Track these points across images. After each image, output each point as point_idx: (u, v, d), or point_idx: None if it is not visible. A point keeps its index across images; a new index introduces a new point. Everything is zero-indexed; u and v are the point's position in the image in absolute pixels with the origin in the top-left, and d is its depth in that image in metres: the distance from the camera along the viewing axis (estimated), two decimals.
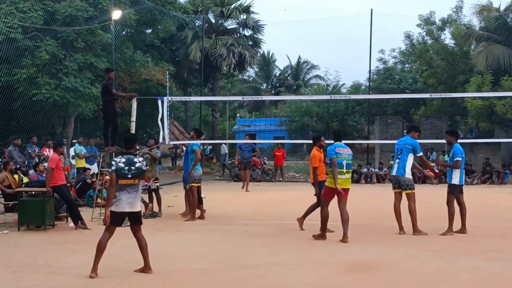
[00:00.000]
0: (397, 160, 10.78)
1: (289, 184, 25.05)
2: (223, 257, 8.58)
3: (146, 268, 7.50)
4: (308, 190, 21.61)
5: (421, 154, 10.79)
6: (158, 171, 13.94)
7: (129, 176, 7.34)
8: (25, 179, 13.95)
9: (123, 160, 7.42)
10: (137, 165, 7.43)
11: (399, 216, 10.76)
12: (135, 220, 7.53)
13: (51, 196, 11.52)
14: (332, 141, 10.45)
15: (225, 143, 31.55)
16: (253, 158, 27.52)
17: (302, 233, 10.85)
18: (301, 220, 11.32)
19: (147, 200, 13.83)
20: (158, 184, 13.73)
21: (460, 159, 10.64)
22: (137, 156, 7.67)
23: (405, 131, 11.66)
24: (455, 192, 10.70)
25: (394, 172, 10.87)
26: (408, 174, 10.68)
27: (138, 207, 7.55)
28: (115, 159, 7.55)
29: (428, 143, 25.99)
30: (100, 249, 7.38)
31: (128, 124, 14.38)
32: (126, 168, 7.34)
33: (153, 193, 13.66)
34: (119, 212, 7.39)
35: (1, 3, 19.41)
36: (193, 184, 12.69)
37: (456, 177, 10.69)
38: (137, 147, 8.08)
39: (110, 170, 7.49)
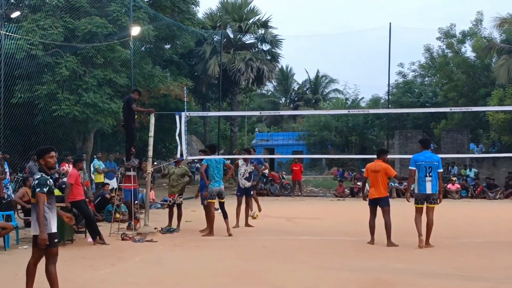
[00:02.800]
0: (429, 178, 10.75)
1: (308, 198, 24.91)
2: (241, 273, 8.50)
3: None
4: (328, 204, 21.54)
5: (441, 170, 10.87)
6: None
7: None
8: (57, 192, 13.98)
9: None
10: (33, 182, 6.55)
11: (420, 228, 10.78)
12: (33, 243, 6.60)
13: (70, 211, 11.54)
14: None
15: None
16: (272, 173, 27.48)
17: (320, 249, 10.73)
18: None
19: (167, 215, 13.84)
20: (182, 199, 13.72)
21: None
22: (39, 173, 6.57)
23: (421, 144, 11.43)
24: None
25: (429, 190, 10.74)
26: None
27: (34, 230, 6.58)
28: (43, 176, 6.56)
29: (449, 157, 25.68)
30: (29, 275, 6.73)
31: (146, 138, 14.43)
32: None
33: (175, 208, 13.64)
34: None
35: (22, 20, 19.72)
36: (210, 200, 12.65)
37: None
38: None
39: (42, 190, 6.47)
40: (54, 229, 6.66)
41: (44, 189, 6.45)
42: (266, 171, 23.59)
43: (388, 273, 8.46)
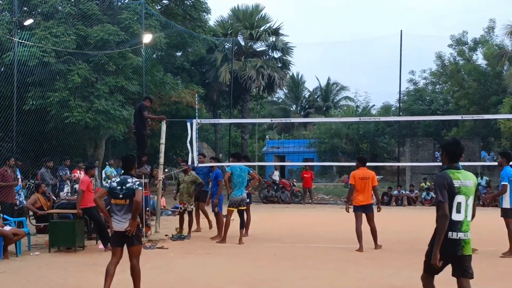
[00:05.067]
0: None
1: (319, 206, 24.84)
2: (252, 280, 8.48)
3: None
4: (339, 212, 21.44)
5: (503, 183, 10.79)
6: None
7: (120, 196, 7.24)
8: None
9: (117, 180, 7.38)
10: (128, 185, 7.25)
11: None
12: (128, 241, 7.24)
13: (81, 218, 11.61)
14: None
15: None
16: (282, 180, 27.43)
17: (332, 257, 10.69)
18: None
19: (177, 222, 13.85)
20: (193, 206, 13.72)
21: (507, 183, 10.59)
22: (133, 177, 7.43)
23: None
24: (508, 215, 10.71)
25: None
26: None
27: (120, 226, 7.22)
28: (112, 178, 7.61)
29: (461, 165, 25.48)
30: (108, 274, 7.18)
31: (157, 145, 14.48)
32: (118, 188, 7.27)
33: (186, 215, 13.67)
34: (115, 232, 7.26)
35: (35, 28, 19.86)
36: (229, 208, 12.63)
37: (506, 201, 10.71)
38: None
39: (104, 187, 7.51)
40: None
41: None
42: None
43: (399, 280, 8.42)
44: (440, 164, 11.18)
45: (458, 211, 5.40)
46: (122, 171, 7.68)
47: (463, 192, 5.43)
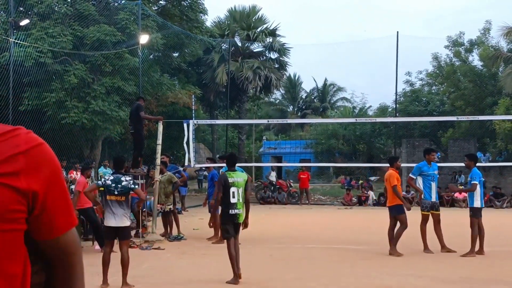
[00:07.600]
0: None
1: (315, 207, 24.86)
2: (248, 281, 8.50)
3: (123, 285, 7.91)
4: (335, 213, 21.51)
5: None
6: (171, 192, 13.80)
7: (116, 192, 8.05)
8: None
9: (111, 178, 8.21)
10: (123, 183, 8.12)
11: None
12: (120, 235, 8.09)
13: (77, 218, 11.60)
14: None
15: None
16: (279, 181, 27.46)
17: (327, 257, 10.72)
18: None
19: (162, 224, 13.84)
20: (170, 206, 13.64)
21: (477, 182, 10.70)
22: (125, 175, 8.41)
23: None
24: (477, 215, 10.76)
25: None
26: None
27: (125, 222, 8.08)
28: (105, 176, 8.58)
29: (456, 166, 25.57)
30: (104, 263, 8.13)
31: (154, 146, 14.48)
32: (113, 185, 8.07)
33: (168, 216, 13.66)
34: (108, 227, 8.08)
35: (31, 28, 19.85)
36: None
37: (477, 200, 10.78)
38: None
39: (96, 183, 8.64)
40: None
41: None
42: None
43: (396, 280, 8.45)
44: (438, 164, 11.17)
45: (233, 197, 8.33)
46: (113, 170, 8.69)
47: (235, 185, 8.37)
